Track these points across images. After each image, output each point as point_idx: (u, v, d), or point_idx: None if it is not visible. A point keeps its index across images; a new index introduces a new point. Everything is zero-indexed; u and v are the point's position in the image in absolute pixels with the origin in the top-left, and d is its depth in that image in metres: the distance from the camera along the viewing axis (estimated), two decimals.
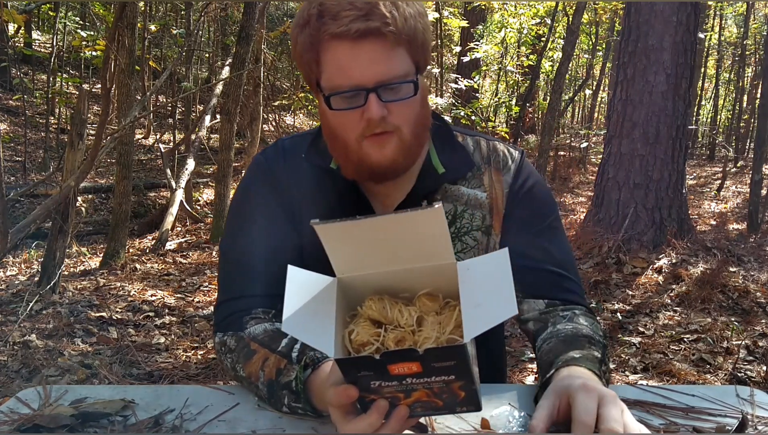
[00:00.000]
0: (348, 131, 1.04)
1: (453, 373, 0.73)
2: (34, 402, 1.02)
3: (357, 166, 1.07)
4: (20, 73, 11.58)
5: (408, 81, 1.02)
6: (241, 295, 1.12)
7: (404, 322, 0.78)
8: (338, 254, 0.79)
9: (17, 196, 6.23)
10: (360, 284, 0.81)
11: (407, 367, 0.73)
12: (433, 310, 0.80)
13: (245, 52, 6.45)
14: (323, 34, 0.99)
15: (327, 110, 1.05)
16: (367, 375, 0.74)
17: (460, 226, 1.17)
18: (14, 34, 10.96)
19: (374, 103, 0.99)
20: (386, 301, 0.81)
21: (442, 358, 0.72)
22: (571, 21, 7.26)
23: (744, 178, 10.31)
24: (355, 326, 0.79)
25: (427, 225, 0.75)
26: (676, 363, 3.26)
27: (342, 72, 1.00)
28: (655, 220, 5.13)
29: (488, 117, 9.53)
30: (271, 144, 1.26)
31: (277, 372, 0.98)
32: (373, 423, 0.78)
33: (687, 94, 5.22)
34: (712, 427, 0.96)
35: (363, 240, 0.78)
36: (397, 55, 1.00)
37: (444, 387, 0.75)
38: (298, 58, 1.06)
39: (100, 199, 8.44)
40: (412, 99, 1.03)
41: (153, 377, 3.18)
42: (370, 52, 0.98)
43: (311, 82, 1.08)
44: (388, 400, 0.77)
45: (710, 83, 18.56)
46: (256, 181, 1.19)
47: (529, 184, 1.20)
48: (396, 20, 0.98)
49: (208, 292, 4.77)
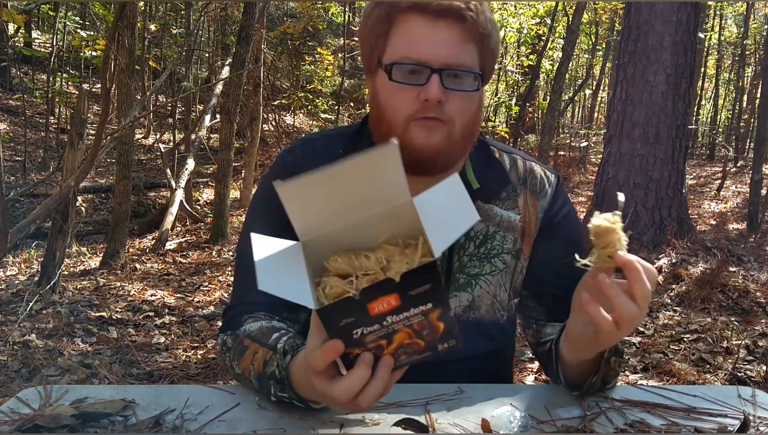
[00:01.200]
0: (398, 111, 1.01)
1: (430, 299, 0.73)
2: (35, 402, 1.02)
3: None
4: (20, 72, 11.58)
5: (473, 72, 1.00)
6: (248, 301, 1.12)
7: (373, 264, 0.78)
8: (299, 216, 0.79)
9: (17, 195, 6.22)
10: (323, 244, 0.81)
11: (386, 302, 0.73)
12: (396, 253, 0.80)
13: (245, 51, 6.45)
14: (402, 6, 0.98)
15: (380, 88, 1.02)
16: (349, 323, 0.74)
17: (490, 248, 1.15)
18: (14, 34, 10.96)
19: (435, 84, 0.97)
20: (350, 253, 0.81)
21: (419, 282, 0.72)
22: (571, 21, 7.26)
23: (744, 178, 10.31)
24: (327, 281, 0.79)
25: (383, 163, 0.75)
26: (676, 363, 3.26)
27: (412, 44, 0.98)
28: (655, 219, 5.13)
29: (488, 117, 9.53)
30: (299, 140, 1.22)
31: (264, 364, 0.98)
32: (363, 375, 0.76)
33: (687, 93, 5.22)
34: (713, 428, 0.96)
35: (323, 194, 0.77)
36: (469, 47, 1.00)
37: (423, 321, 0.75)
38: (367, 32, 1.04)
39: (100, 199, 8.44)
40: (471, 94, 1.02)
41: (153, 377, 3.18)
42: (445, 32, 0.98)
43: (372, 61, 1.05)
44: (372, 351, 0.77)
45: (710, 83, 18.56)
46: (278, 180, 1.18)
47: (564, 212, 1.18)
48: (477, 12, 0.98)
49: (208, 291, 4.77)
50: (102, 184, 8.59)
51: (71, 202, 4.31)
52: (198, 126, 8.26)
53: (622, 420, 0.98)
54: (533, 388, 1.08)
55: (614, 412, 1.01)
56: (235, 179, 7.97)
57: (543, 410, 1.01)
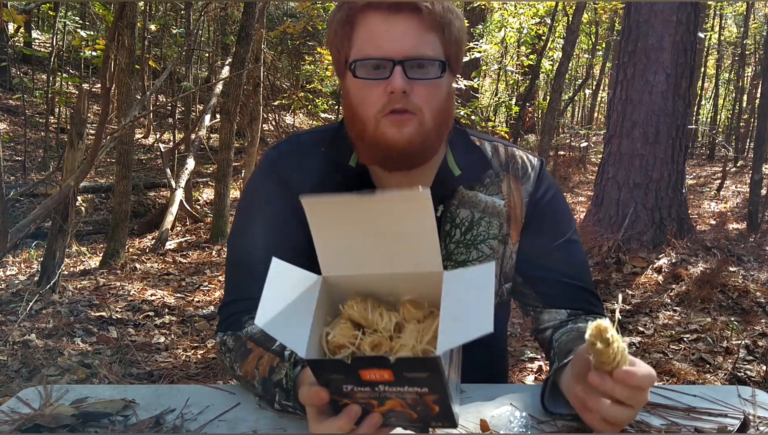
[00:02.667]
0: (368, 106, 1.02)
1: (426, 385, 0.71)
2: (35, 401, 1.02)
3: (372, 147, 1.04)
4: (20, 72, 11.57)
5: (436, 60, 1.01)
6: (244, 297, 1.12)
7: (382, 327, 0.77)
8: (325, 246, 0.78)
9: (17, 195, 6.22)
10: (345, 284, 0.80)
11: (378, 374, 0.71)
12: (416, 318, 0.78)
13: (245, 51, 6.45)
14: (359, 7, 1.01)
15: (350, 87, 1.04)
16: (339, 378, 0.73)
17: (476, 234, 1.16)
18: (14, 34, 10.95)
19: (399, 76, 0.99)
20: (369, 303, 0.79)
21: (414, 369, 0.70)
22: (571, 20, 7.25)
23: (744, 178, 10.31)
24: (335, 326, 0.78)
25: (414, 210, 0.73)
26: (676, 363, 3.26)
27: (372, 41, 1.00)
28: (654, 219, 5.13)
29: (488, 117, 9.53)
30: (286, 138, 1.23)
31: (270, 370, 0.98)
32: (342, 427, 0.77)
33: (687, 93, 5.22)
34: (713, 428, 0.96)
35: (349, 225, 0.75)
36: (429, 37, 1.01)
37: (417, 398, 0.73)
38: (332, 37, 1.06)
39: (99, 199, 8.44)
40: (437, 82, 1.03)
41: (153, 377, 3.18)
42: (402, 25, 1.00)
43: (340, 65, 1.07)
44: (361, 405, 0.76)
45: (710, 83, 18.56)
46: (265, 178, 1.18)
47: (550, 195, 1.19)
48: (433, 4, 1.00)
49: (207, 291, 4.77)
50: (102, 184, 8.59)
51: (71, 201, 4.31)
52: (198, 126, 8.26)
53: None
54: (533, 388, 1.08)
55: None
56: (235, 179, 7.97)
57: (543, 410, 1.01)
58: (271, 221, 1.14)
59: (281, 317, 0.75)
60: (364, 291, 0.80)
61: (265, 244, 1.12)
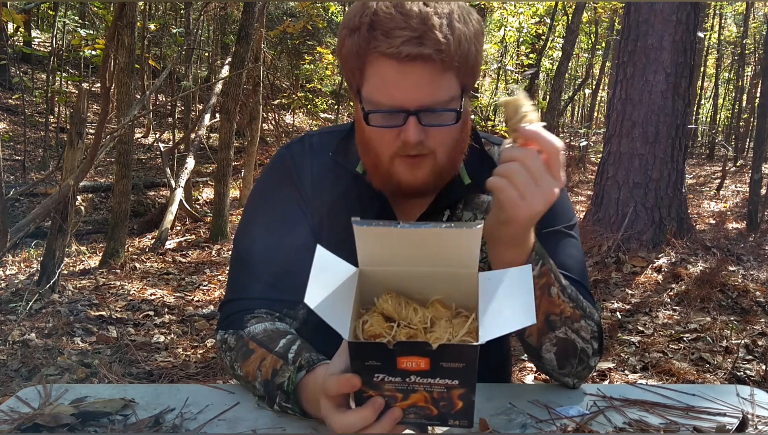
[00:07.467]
0: (382, 147, 1.01)
1: (458, 377, 0.73)
2: (35, 401, 1.02)
3: (385, 182, 1.05)
4: (20, 72, 11.58)
5: (451, 109, 0.98)
6: (245, 296, 1.12)
7: (417, 321, 0.79)
8: (367, 251, 0.80)
9: (17, 194, 6.22)
10: (379, 279, 0.82)
11: (416, 362, 0.73)
12: (445, 317, 0.81)
13: (245, 51, 6.45)
14: (372, 49, 0.94)
15: (362, 119, 1.01)
16: (374, 366, 0.74)
17: None
18: (14, 33, 10.95)
19: (413, 127, 0.96)
20: (401, 298, 0.82)
21: (453, 358, 0.72)
22: (570, 20, 7.25)
23: (743, 177, 10.31)
24: (369, 317, 0.80)
25: (464, 241, 0.77)
26: (676, 362, 3.26)
27: (385, 90, 0.96)
28: (654, 219, 5.13)
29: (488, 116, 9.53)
30: (298, 138, 1.22)
31: (273, 372, 0.98)
32: (366, 418, 0.77)
33: (686, 93, 5.22)
34: (712, 427, 0.96)
35: (397, 245, 0.79)
36: (445, 79, 0.96)
37: (444, 393, 0.75)
38: (343, 60, 1.01)
39: (99, 198, 8.44)
40: (452, 126, 1.01)
41: (152, 376, 3.18)
42: (417, 76, 0.94)
43: (352, 87, 1.04)
44: (385, 398, 0.77)
45: (710, 82, 18.56)
46: (274, 178, 1.18)
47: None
48: (450, 45, 0.93)
49: (207, 290, 4.77)
50: (102, 184, 8.59)
51: (71, 201, 4.31)
52: (198, 125, 8.26)
53: (621, 419, 0.98)
54: (533, 387, 1.08)
55: (613, 411, 1.01)
56: (234, 178, 7.98)
57: (543, 410, 1.01)
58: (279, 222, 1.14)
59: (327, 301, 0.77)
60: (395, 287, 0.83)
61: (271, 245, 1.12)
